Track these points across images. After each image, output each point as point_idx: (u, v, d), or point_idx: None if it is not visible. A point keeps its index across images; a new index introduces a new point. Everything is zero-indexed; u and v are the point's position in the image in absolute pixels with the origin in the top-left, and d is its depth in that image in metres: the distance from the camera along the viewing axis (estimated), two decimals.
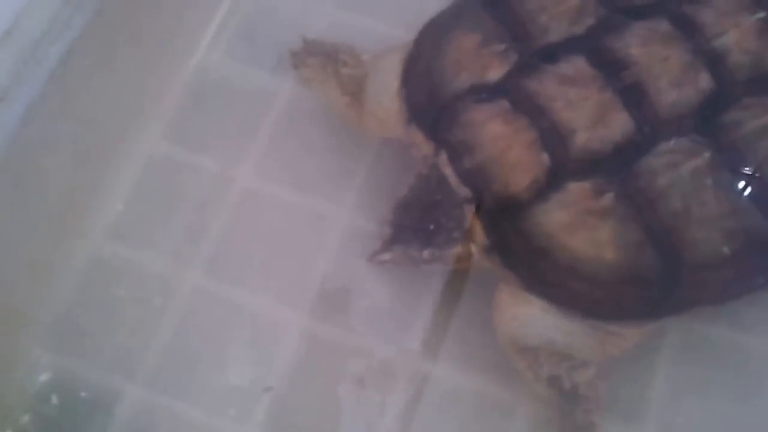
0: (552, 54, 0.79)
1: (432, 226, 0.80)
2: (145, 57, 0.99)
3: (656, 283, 0.75)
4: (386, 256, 0.81)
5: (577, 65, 0.77)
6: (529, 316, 0.78)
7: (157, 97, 0.98)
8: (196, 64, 1.01)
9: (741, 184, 0.74)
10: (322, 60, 0.96)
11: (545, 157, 0.75)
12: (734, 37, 0.76)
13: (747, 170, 0.74)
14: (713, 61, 0.76)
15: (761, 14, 0.77)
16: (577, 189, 0.74)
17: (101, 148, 0.95)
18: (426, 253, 0.80)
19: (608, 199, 0.73)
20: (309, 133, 0.98)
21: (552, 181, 0.75)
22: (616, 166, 0.74)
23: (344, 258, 0.91)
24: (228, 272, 0.90)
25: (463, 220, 0.79)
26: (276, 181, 0.95)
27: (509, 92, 0.78)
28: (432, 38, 0.87)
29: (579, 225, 0.74)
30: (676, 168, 0.73)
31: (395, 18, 1.02)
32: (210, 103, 0.99)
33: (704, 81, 0.76)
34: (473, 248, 0.79)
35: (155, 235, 0.91)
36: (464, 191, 0.77)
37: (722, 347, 0.87)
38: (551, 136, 0.75)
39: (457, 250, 0.80)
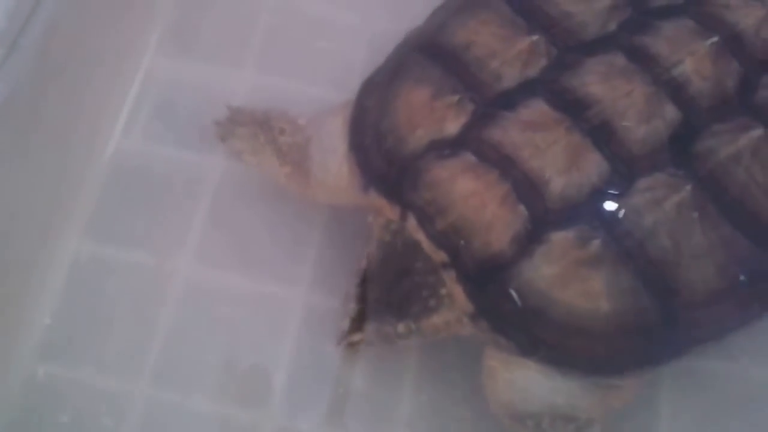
0: (510, 100, 0.75)
1: (404, 297, 0.74)
2: (57, 149, 0.90)
3: (655, 328, 0.71)
4: (357, 336, 0.74)
5: (538, 109, 0.73)
6: (526, 381, 0.73)
7: (75, 192, 0.90)
8: (113, 152, 0.94)
9: (726, 214, 0.71)
10: (253, 129, 0.90)
11: (522, 210, 0.70)
12: (691, 65, 0.75)
13: (730, 198, 0.71)
14: (675, 91, 0.74)
15: (714, 38, 0.76)
16: (561, 240, 0.69)
17: (19, 259, 0.85)
18: (401, 327, 0.73)
19: (595, 246, 0.69)
20: (250, 209, 0.91)
21: (533, 234, 0.70)
22: (597, 210, 0.71)
23: (308, 344, 0.84)
24: (180, 379, 0.82)
25: (438, 287, 0.73)
26: (221, 267, 0.88)
27: (472, 145, 0.73)
28: (375, 96, 0.82)
29: (569, 277, 0.69)
30: (659, 205, 0.70)
31: (322, 78, 0.99)
32: (134, 192, 0.92)
33: (671, 112, 0.73)
34: (455, 315, 0.73)
35: (93, 347, 0.83)
36: (440, 255, 0.72)
37: (716, 378, 0.84)
38: (525, 186, 0.71)
39: (436, 319, 0.74)
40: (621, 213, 0.70)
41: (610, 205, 0.70)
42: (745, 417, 0.82)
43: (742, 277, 0.71)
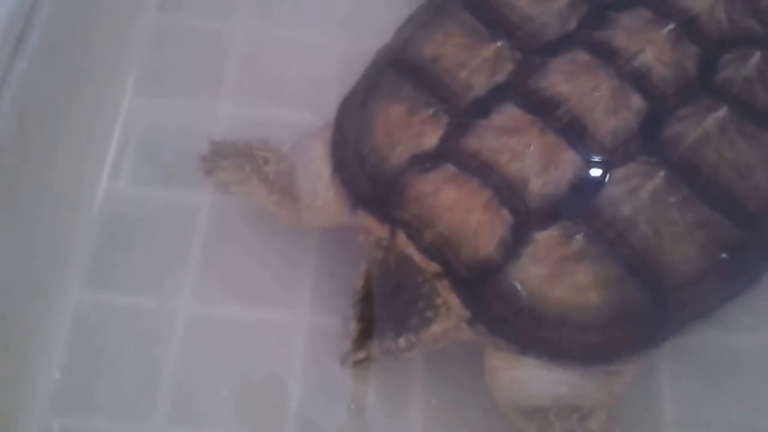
0: (482, 108, 0.77)
1: (402, 311, 0.75)
2: (45, 204, 0.90)
3: (645, 313, 0.73)
4: (360, 354, 0.76)
5: (510, 114, 0.76)
6: (528, 377, 0.75)
7: (69, 243, 0.91)
8: (103, 199, 0.95)
9: (701, 195, 0.73)
10: (237, 160, 0.91)
11: (506, 214, 0.72)
12: (652, 53, 0.77)
13: (703, 179, 0.74)
14: (639, 80, 0.76)
15: (671, 26, 0.78)
16: (545, 238, 0.72)
17: (21, 316, 0.85)
18: (402, 341, 0.75)
19: (579, 241, 0.71)
20: (243, 239, 0.92)
21: (519, 236, 0.72)
22: (576, 206, 0.73)
23: (316, 365, 0.85)
24: (194, 415, 0.82)
25: (434, 297, 0.74)
26: (221, 301, 0.89)
27: (451, 155, 0.75)
28: (353, 117, 0.84)
29: (558, 274, 0.71)
30: (635, 193, 0.72)
31: (300, 101, 1.00)
32: (127, 235, 0.92)
33: (637, 102, 0.75)
34: (454, 323, 0.75)
35: (104, 395, 0.83)
36: (432, 266, 0.74)
37: (713, 351, 0.87)
38: (506, 190, 0.73)
39: (435, 329, 0.75)
40: (600, 205, 0.72)
41: (588, 200, 0.73)
42: (740, 385, 0.85)
43: (723, 255, 0.74)
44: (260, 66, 1.05)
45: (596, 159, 0.74)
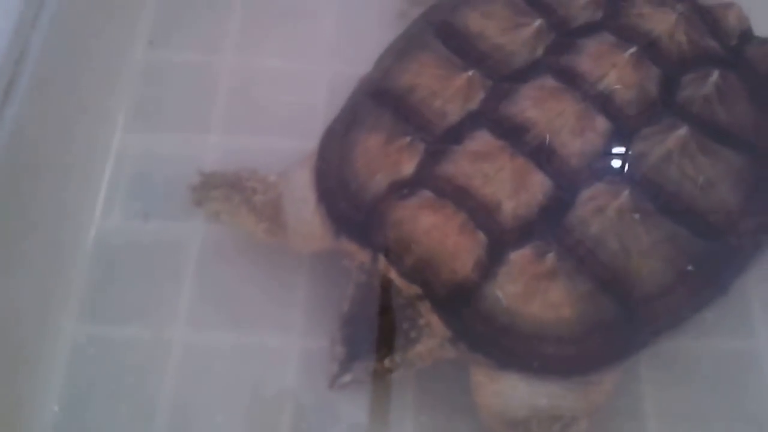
0: (456, 135, 0.80)
1: (386, 333, 0.78)
2: (40, 242, 0.92)
3: (617, 325, 0.76)
4: (347, 377, 0.78)
5: (482, 140, 0.79)
6: (510, 390, 0.78)
7: (65, 279, 0.93)
8: (96, 234, 0.97)
9: (665, 210, 0.77)
10: (226, 191, 0.94)
11: (481, 236, 0.76)
12: (615, 76, 0.81)
13: (666, 195, 0.77)
14: (604, 103, 0.80)
15: (633, 49, 0.82)
16: (519, 258, 0.75)
17: (19, 352, 0.87)
18: (387, 362, 0.78)
19: (550, 259, 0.74)
20: (234, 267, 0.95)
21: (494, 256, 0.75)
22: (547, 225, 0.76)
23: (308, 387, 0.87)
24: None
25: (417, 318, 0.77)
26: (215, 328, 0.91)
27: (428, 181, 0.79)
28: (335, 146, 0.87)
29: (532, 292, 0.74)
30: (602, 212, 0.75)
31: (288, 129, 1.03)
32: (120, 269, 0.95)
33: (601, 124, 0.79)
34: (437, 342, 0.78)
35: (102, 425, 0.85)
36: (413, 289, 0.77)
37: (691, 358, 0.89)
38: (480, 213, 0.76)
39: (419, 349, 0.78)
40: (570, 224, 0.76)
41: (558, 219, 0.76)
42: (716, 387, 0.88)
43: (689, 267, 0.77)
44: (249, 96, 1.07)
45: (564, 180, 0.77)
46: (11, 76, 0.89)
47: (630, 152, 0.79)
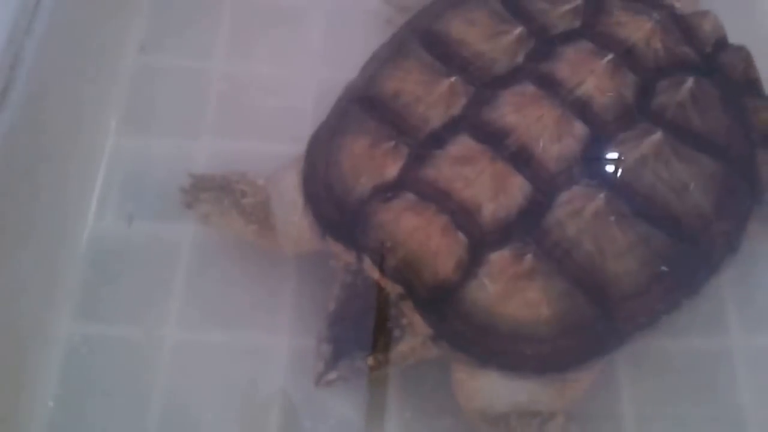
0: (438, 139, 0.83)
1: (370, 332, 0.80)
2: (36, 243, 0.94)
3: (594, 324, 0.78)
4: (332, 375, 0.80)
5: (464, 144, 0.81)
6: (490, 387, 0.80)
7: (59, 279, 0.95)
8: (89, 235, 0.98)
9: (640, 213, 0.79)
10: (216, 193, 0.96)
11: (462, 237, 0.78)
12: (593, 83, 0.83)
13: (641, 199, 0.80)
14: (581, 109, 0.82)
15: (609, 56, 0.84)
16: (498, 259, 0.77)
17: (16, 350, 0.89)
18: (371, 360, 0.80)
19: (528, 260, 0.76)
20: (225, 267, 0.96)
21: (474, 257, 0.78)
22: (526, 227, 0.78)
23: (297, 385, 0.89)
24: None
25: (400, 318, 0.80)
26: (205, 328, 0.93)
27: (411, 185, 0.81)
28: (322, 150, 0.89)
29: (511, 291, 0.77)
30: (579, 214, 0.78)
31: (277, 133, 1.04)
32: (114, 270, 0.96)
33: (579, 129, 0.81)
34: (419, 341, 0.80)
35: (97, 424, 0.87)
36: (396, 289, 0.79)
37: (668, 355, 0.91)
38: (461, 216, 0.78)
39: (402, 347, 0.80)
40: (547, 226, 0.78)
41: (537, 221, 0.78)
42: (692, 384, 0.90)
43: (663, 268, 0.79)
44: (238, 101, 1.09)
45: (543, 183, 0.79)
46: (6, 81, 0.91)
47: (606, 157, 0.81)
